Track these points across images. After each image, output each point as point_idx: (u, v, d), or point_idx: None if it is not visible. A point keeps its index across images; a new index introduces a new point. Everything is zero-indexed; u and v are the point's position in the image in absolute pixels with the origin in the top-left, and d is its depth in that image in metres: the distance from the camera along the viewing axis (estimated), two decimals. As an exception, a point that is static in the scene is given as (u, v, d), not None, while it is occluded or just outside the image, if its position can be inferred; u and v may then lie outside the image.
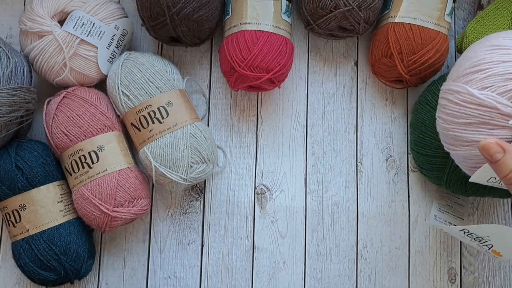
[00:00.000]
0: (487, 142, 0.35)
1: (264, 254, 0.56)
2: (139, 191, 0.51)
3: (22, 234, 0.50)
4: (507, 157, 0.34)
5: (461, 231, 0.49)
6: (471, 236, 0.48)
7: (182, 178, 0.51)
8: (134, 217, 0.52)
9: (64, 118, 0.51)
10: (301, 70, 0.60)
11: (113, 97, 0.53)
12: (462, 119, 0.40)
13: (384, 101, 0.59)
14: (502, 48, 0.40)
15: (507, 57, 0.39)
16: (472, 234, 0.47)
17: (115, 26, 0.53)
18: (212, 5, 0.52)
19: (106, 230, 0.51)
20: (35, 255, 0.49)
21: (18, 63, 0.50)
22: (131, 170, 0.52)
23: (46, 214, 0.50)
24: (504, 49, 0.40)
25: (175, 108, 0.52)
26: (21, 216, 0.50)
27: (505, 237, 0.45)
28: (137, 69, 0.52)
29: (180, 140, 0.51)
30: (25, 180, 0.50)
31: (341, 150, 0.58)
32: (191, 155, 0.51)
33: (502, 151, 0.34)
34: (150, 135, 0.51)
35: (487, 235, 0.45)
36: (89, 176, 0.50)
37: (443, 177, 0.52)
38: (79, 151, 0.50)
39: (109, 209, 0.49)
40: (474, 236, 0.48)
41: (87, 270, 0.53)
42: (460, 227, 0.48)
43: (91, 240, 0.54)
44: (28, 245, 0.50)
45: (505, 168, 0.34)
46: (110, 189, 0.50)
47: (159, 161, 0.51)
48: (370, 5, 0.52)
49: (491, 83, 0.39)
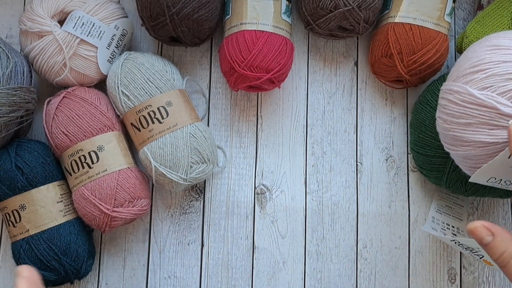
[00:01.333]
0: (474, 227, 0.34)
1: (264, 254, 0.56)
2: (139, 191, 0.51)
3: (22, 234, 0.50)
4: (496, 241, 0.33)
5: (452, 241, 0.49)
6: (462, 246, 0.48)
7: (182, 178, 0.51)
8: (134, 217, 0.52)
9: (64, 118, 0.51)
10: (301, 70, 0.60)
11: (113, 97, 0.53)
12: (462, 119, 0.40)
13: (384, 101, 0.59)
14: (502, 48, 0.40)
15: (507, 57, 0.39)
16: (462, 244, 0.47)
17: (115, 26, 0.53)
18: (212, 5, 0.52)
19: (106, 230, 0.51)
20: (35, 255, 0.49)
21: (18, 63, 0.50)
22: (131, 170, 0.52)
23: (46, 214, 0.50)
24: (504, 49, 0.40)
25: (175, 108, 0.52)
26: (21, 216, 0.50)
27: None
28: (137, 69, 0.52)
29: (180, 140, 0.51)
30: (25, 180, 0.50)
31: (341, 150, 0.58)
32: (191, 155, 0.51)
33: (491, 235, 0.33)
34: (150, 135, 0.51)
35: (477, 247, 0.45)
36: (89, 176, 0.50)
37: (443, 177, 0.52)
38: (79, 151, 0.50)
39: (109, 209, 0.49)
40: (465, 246, 0.48)
41: (87, 270, 0.52)
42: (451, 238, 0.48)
43: (91, 240, 0.54)
44: (28, 245, 0.50)
45: (496, 251, 0.33)
46: (110, 189, 0.50)
47: (159, 161, 0.51)
48: (370, 5, 0.52)
49: (491, 83, 0.39)
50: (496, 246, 0.33)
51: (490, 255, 0.34)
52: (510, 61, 0.39)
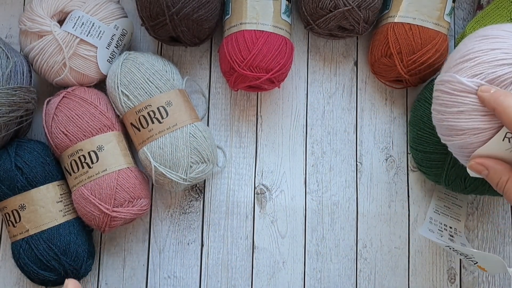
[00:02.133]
0: (470, 165, 0.41)
1: (264, 254, 0.56)
2: (139, 191, 0.51)
3: (21, 234, 0.50)
4: (490, 173, 0.39)
5: (447, 246, 0.49)
6: (456, 252, 0.48)
7: (182, 178, 0.51)
8: (133, 217, 0.52)
9: (64, 118, 0.51)
10: (301, 70, 0.60)
11: (112, 97, 0.53)
12: (454, 108, 0.41)
13: (383, 101, 0.59)
14: (490, 37, 0.41)
15: (495, 45, 0.40)
16: (457, 250, 0.48)
17: (114, 26, 0.53)
18: (212, 5, 0.52)
19: (106, 230, 0.51)
20: (34, 255, 0.49)
21: (17, 63, 0.50)
22: (130, 170, 0.52)
23: (45, 214, 0.50)
24: (492, 38, 0.41)
25: (175, 108, 0.52)
26: (20, 216, 0.50)
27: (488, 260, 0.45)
28: (136, 69, 0.52)
29: (179, 140, 0.51)
30: (25, 180, 0.50)
31: (341, 150, 0.58)
32: (190, 155, 0.51)
33: (485, 169, 0.40)
34: (150, 135, 0.51)
35: (471, 254, 0.46)
36: (88, 176, 0.50)
37: (442, 174, 0.52)
38: (78, 151, 0.50)
39: (109, 209, 0.49)
40: (459, 252, 0.48)
41: (86, 270, 0.52)
42: (445, 244, 0.48)
43: (91, 240, 0.54)
44: (28, 245, 0.50)
45: (493, 182, 0.40)
46: (110, 189, 0.50)
47: (159, 161, 0.51)
48: (369, 5, 0.52)
49: (480, 70, 0.39)
50: (491, 177, 0.39)
51: (491, 183, 0.40)
52: (498, 49, 0.39)
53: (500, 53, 0.39)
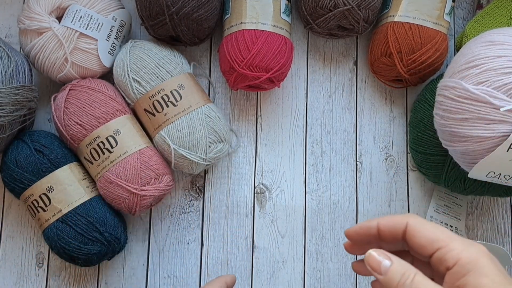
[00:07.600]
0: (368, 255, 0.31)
1: (264, 254, 0.56)
2: (162, 168, 0.52)
3: (55, 216, 0.50)
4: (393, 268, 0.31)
5: None
6: None
7: (202, 158, 0.52)
8: (162, 194, 0.52)
9: (76, 109, 0.51)
10: (301, 70, 0.60)
11: (122, 85, 0.53)
12: (458, 115, 0.40)
13: (383, 100, 0.59)
14: (497, 44, 0.40)
15: (502, 52, 0.40)
16: None
17: (112, 17, 0.53)
18: (212, 5, 0.52)
19: (137, 212, 0.51)
20: (74, 232, 0.49)
21: (19, 62, 0.50)
22: (150, 148, 0.52)
23: (75, 191, 0.50)
24: (499, 44, 0.40)
25: (187, 90, 0.52)
26: (50, 198, 0.50)
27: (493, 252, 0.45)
28: (146, 55, 0.52)
29: (196, 121, 0.51)
30: (48, 161, 0.50)
31: (341, 149, 0.58)
32: (208, 135, 0.52)
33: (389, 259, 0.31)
34: (166, 118, 0.52)
35: None
36: (111, 161, 0.50)
37: (442, 175, 0.52)
38: (96, 139, 0.51)
39: (137, 188, 0.50)
40: None
41: (125, 240, 0.53)
42: None
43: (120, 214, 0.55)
44: (64, 224, 0.49)
45: None
46: (135, 169, 0.50)
47: (178, 143, 0.51)
48: (369, 4, 0.52)
49: (486, 77, 0.39)
50: None
51: None
52: (504, 56, 0.39)
53: (506, 60, 0.39)
